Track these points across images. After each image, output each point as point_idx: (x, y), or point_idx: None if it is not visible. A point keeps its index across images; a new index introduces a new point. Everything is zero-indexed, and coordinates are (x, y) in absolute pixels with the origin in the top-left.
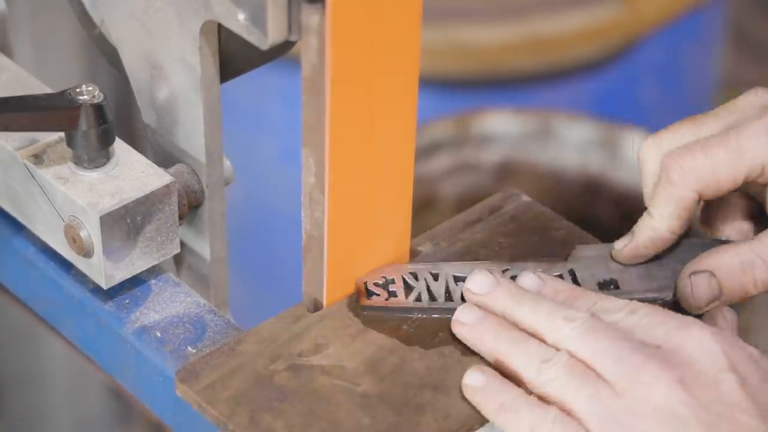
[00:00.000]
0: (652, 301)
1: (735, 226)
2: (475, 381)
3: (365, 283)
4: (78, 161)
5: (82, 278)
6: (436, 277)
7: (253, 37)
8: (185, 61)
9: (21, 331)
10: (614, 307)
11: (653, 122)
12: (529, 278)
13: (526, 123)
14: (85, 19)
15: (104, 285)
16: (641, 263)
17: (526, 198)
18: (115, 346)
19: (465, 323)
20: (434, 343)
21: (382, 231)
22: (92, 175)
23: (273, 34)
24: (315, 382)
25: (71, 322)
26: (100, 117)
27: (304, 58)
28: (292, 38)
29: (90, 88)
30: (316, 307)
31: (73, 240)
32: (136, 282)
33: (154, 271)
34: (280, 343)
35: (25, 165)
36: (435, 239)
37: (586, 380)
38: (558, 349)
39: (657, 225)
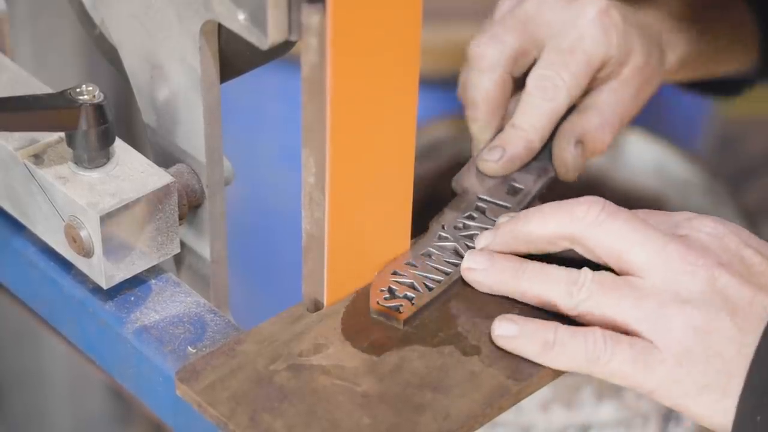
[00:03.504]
0: (547, 185)
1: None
2: (507, 330)
3: (379, 304)
4: (78, 161)
5: (82, 278)
6: (413, 265)
7: (253, 37)
8: (185, 61)
9: (21, 331)
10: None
11: (653, 121)
12: (483, 237)
13: None
14: (85, 19)
15: (104, 285)
16: None
17: None
18: (115, 346)
19: (477, 268)
20: (434, 343)
21: (382, 231)
22: (92, 175)
23: (273, 34)
24: (315, 382)
25: (71, 322)
26: (100, 117)
27: (304, 58)
28: (292, 38)
29: (90, 88)
30: (316, 307)
31: (73, 240)
32: (136, 282)
33: (154, 271)
34: (280, 343)
35: (25, 165)
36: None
37: (620, 288)
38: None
39: (530, 136)
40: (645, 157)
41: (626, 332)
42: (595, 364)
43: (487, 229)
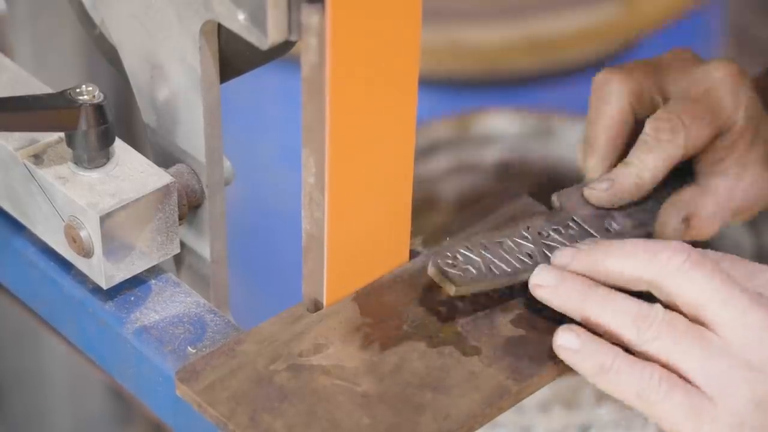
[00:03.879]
0: (641, 236)
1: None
2: (569, 342)
3: (439, 264)
4: (78, 161)
5: (82, 278)
6: (502, 245)
7: (253, 37)
8: (185, 61)
9: (21, 331)
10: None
11: None
12: (562, 255)
13: (526, 123)
14: (85, 19)
15: (104, 285)
16: None
17: (526, 198)
18: (115, 346)
19: (546, 286)
20: (434, 343)
21: (382, 231)
22: (92, 175)
23: (273, 34)
24: (315, 382)
25: (71, 322)
26: (100, 117)
27: (304, 58)
28: (292, 38)
29: (90, 88)
30: (316, 307)
31: (73, 240)
32: (136, 282)
33: (154, 271)
34: (280, 343)
35: (25, 165)
36: (434, 239)
37: (693, 338)
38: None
39: (642, 174)
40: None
41: (686, 381)
42: (644, 402)
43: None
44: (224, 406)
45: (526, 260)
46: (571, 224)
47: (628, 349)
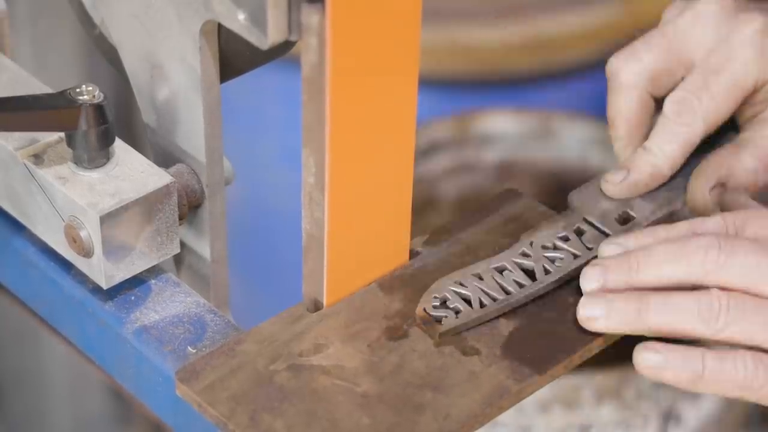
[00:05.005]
0: (666, 218)
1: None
2: (652, 361)
3: (425, 310)
4: (78, 161)
5: (82, 278)
6: (479, 277)
7: (253, 37)
8: (185, 61)
9: (21, 331)
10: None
11: None
12: (609, 247)
13: (526, 123)
14: (85, 19)
15: (104, 285)
16: None
17: (526, 198)
18: (115, 346)
19: (598, 317)
20: (434, 343)
21: (382, 231)
22: (92, 175)
23: (273, 34)
24: (315, 382)
25: (71, 322)
26: (100, 117)
27: (304, 58)
28: (292, 38)
29: (90, 88)
30: (316, 307)
31: (73, 240)
32: (136, 282)
33: (154, 271)
34: (280, 343)
35: (25, 165)
36: (435, 239)
37: (763, 311)
38: (706, 287)
39: (659, 162)
40: None
41: None
42: (749, 391)
43: (576, 254)
44: (224, 406)
45: (524, 280)
46: (581, 226)
47: (706, 344)
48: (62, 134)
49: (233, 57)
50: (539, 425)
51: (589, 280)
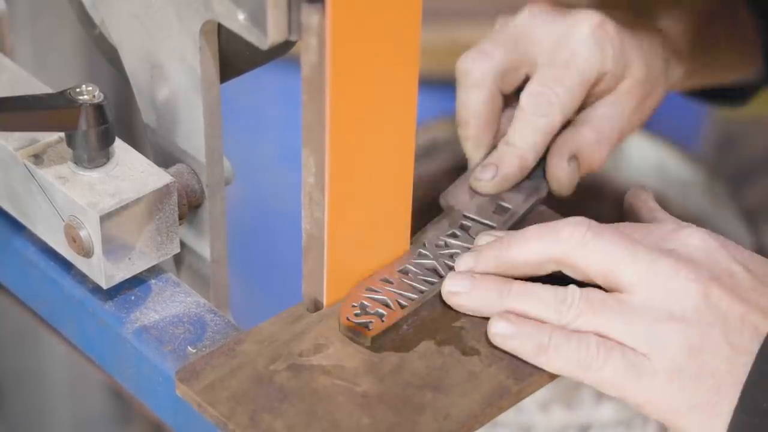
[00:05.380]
0: (535, 204)
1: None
2: (503, 329)
3: (348, 320)
4: (78, 161)
5: (82, 278)
6: (388, 281)
7: (253, 37)
8: (185, 61)
9: (21, 331)
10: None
11: (653, 122)
12: (485, 237)
13: None
14: (85, 19)
15: (104, 285)
16: None
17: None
18: (115, 346)
19: (460, 292)
20: (434, 342)
21: (382, 231)
22: (92, 175)
23: (273, 34)
24: (315, 382)
25: (71, 322)
26: (100, 117)
27: (304, 58)
28: (292, 38)
29: (90, 88)
30: (316, 307)
31: (73, 240)
32: (136, 282)
33: (154, 271)
34: (280, 343)
35: (25, 165)
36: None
37: (611, 306)
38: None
39: (525, 154)
40: (645, 158)
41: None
42: (586, 371)
43: (469, 248)
44: (224, 406)
45: (433, 278)
46: (464, 222)
47: None
48: (62, 134)
49: (233, 57)
50: (539, 425)
51: (461, 263)
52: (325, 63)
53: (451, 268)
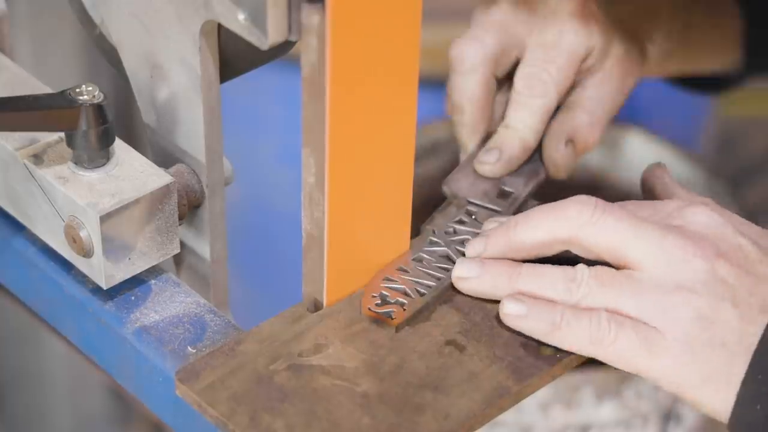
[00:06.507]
0: (536, 188)
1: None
2: (515, 310)
3: (370, 310)
4: (78, 161)
5: (82, 278)
6: (404, 270)
7: (253, 37)
8: (185, 61)
9: (21, 331)
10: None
11: (653, 122)
12: (492, 224)
13: None
14: (85, 19)
15: (104, 285)
16: None
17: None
18: (115, 346)
19: (469, 277)
20: (434, 343)
21: (382, 231)
22: (92, 175)
23: (273, 34)
24: (315, 382)
25: (71, 322)
26: (100, 117)
27: (304, 58)
28: (292, 38)
29: (90, 88)
30: (316, 307)
31: (73, 240)
32: (136, 282)
33: (154, 271)
34: (280, 343)
35: (25, 165)
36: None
37: (620, 283)
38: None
39: (526, 136)
40: (645, 157)
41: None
42: (599, 346)
43: (477, 233)
44: (224, 406)
45: (447, 265)
46: (470, 208)
47: None
48: (62, 134)
49: (233, 57)
50: (539, 425)
51: (471, 249)
52: (325, 63)
53: (463, 254)
